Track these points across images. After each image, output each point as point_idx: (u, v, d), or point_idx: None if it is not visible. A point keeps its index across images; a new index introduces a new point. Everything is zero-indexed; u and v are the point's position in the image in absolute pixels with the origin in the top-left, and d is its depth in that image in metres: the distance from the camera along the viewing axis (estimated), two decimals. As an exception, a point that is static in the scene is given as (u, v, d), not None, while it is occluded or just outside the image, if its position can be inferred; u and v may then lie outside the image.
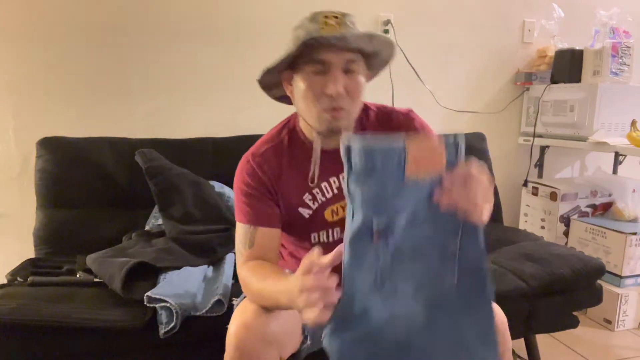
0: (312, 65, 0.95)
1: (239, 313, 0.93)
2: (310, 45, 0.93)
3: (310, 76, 0.96)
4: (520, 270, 1.50)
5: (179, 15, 1.92)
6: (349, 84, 0.97)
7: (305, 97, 0.98)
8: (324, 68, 0.95)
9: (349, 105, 0.98)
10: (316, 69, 0.95)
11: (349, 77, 0.97)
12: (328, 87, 0.94)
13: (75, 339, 1.17)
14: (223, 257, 1.51)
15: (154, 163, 1.65)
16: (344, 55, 0.95)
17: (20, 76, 1.80)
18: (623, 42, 2.09)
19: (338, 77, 0.95)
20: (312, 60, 0.95)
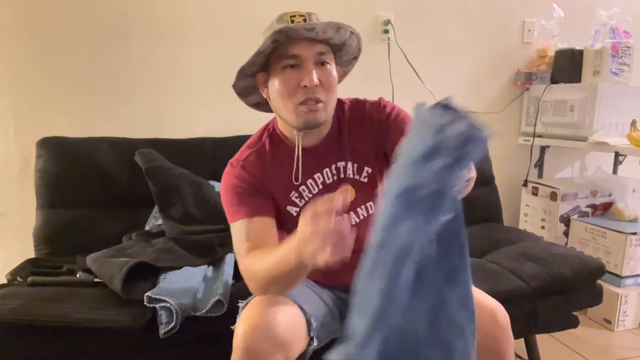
0: (284, 61, 0.98)
1: (246, 315, 0.93)
2: (282, 43, 0.97)
3: (284, 72, 0.99)
4: (520, 270, 1.50)
5: (179, 15, 1.92)
6: (322, 76, 0.99)
7: (281, 93, 1.00)
8: (296, 62, 0.98)
9: (325, 97, 1.00)
10: (289, 64, 0.98)
11: (321, 69, 0.99)
12: (303, 80, 0.97)
13: (75, 339, 1.17)
14: (223, 257, 1.51)
15: (154, 163, 1.65)
16: (315, 48, 0.98)
17: (20, 76, 1.80)
18: (623, 42, 2.09)
19: (312, 69, 0.97)
20: (284, 55, 0.98)
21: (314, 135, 1.06)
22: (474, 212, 2.03)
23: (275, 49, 1.00)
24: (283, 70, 0.99)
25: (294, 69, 0.98)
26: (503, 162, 2.38)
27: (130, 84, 1.91)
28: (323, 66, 1.00)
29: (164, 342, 1.17)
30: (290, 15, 0.99)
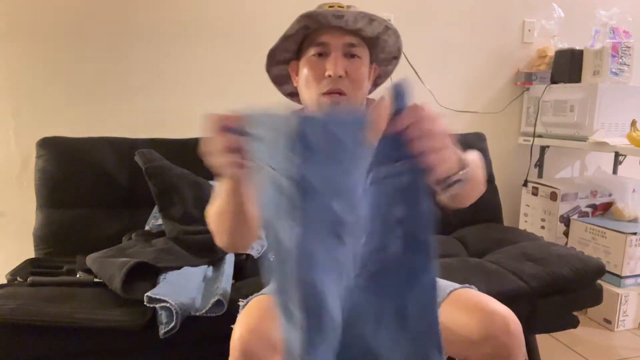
0: (313, 48, 0.96)
1: (244, 317, 0.93)
2: (313, 30, 0.94)
3: (312, 59, 0.97)
4: (520, 270, 1.50)
5: (179, 15, 1.92)
6: (349, 67, 0.96)
7: (307, 81, 0.97)
8: (324, 50, 0.96)
9: (350, 90, 0.96)
10: (317, 51, 0.95)
11: (350, 61, 0.96)
12: (328, 69, 0.94)
13: (75, 339, 1.17)
14: (223, 257, 1.51)
15: (154, 163, 1.65)
16: (345, 38, 0.95)
17: (20, 76, 1.80)
18: (623, 42, 2.09)
19: (338, 59, 0.94)
20: (313, 42, 0.96)
21: None
22: (474, 212, 2.03)
23: (307, 36, 0.97)
24: (310, 57, 0.97)
25: (321, 57, 0.96)
26: (503, 162, 2.38)
27: (130, 84, 1.91)
28: (352, 58, 0.97)
29: (164, 342, 1.17)
30: (329, 4, 0.96)
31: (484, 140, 2.13)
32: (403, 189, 0.68)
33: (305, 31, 0.97)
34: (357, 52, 0.97)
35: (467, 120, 2.32)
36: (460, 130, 2.21)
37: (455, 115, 2.27)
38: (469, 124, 2.32)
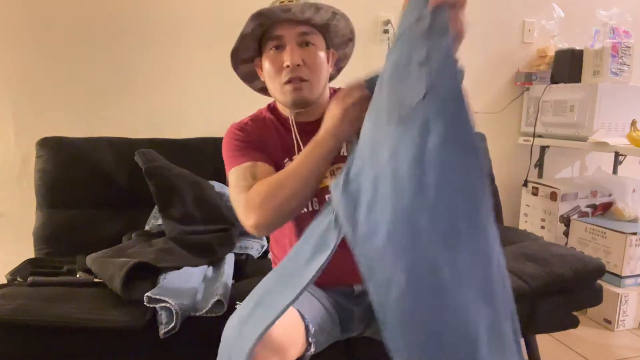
0: (270, 42, 1.03)
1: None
2: (267, 26, 1.02)
3: (270, 54, 1.04)
4: (520, 270, 1.50)
5: (179, 15, 1.92)
6: (306, 56, 1.03)
7: (269, 74, 1.05)
8: (280, 43, 1.03)
9: (310, 76, 1.04)
10: (274, 45, 1.03)
11: (305, 49, 1.03)
12: (285, 60, 1.01)
13: (75, 339, 1.17)
14: (223, 257, 1.51)
15: (154, 163, 1.65)
16: (297, 29, 1.02)
17: (20, 76, 1.80)
18: (623, 42, 2.09)
19: (293, 49, 1.02)
20: (269, 38, 1.03)
21: (309, 113, 1.09)
22: (474, 212, 2.03)
23: (264, 33, 1.05)
24: (269, 52, 1.04)
25: (278, 50, 1.03)
26: (503, 162, 2.38)
27: (130, 84, 1.91)
28: (307, 46, 1.04)
29: (164, 342, 1.17)
30: (279, 0, 1.03)
31: (484, 140, 2.13)
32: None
33: (260, 29, 1.04)
34: (310, 39, 1.04)
35: (467, 120, 2.32)
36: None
37: (455, 115, 2.27)
38: (469, 124, 2.32)
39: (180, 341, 1.20)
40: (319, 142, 0.95)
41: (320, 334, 1.01)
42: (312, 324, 0.98)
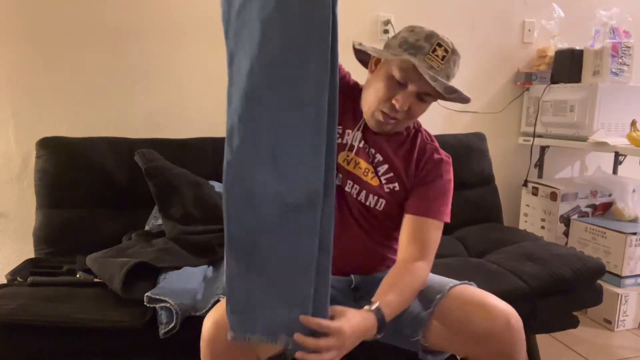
0: (399, 71, 1.04)
1: (213, 312, 0.94)
2: (413, 57, 1.02)
3: (391, 81, 1.06)
4: (520, 270, 1.50)
5: (179, 15, 1.92)
6: (414, 106, 1.07)
7: (376, 91, 1.08)
8: (405, 82, 1.04)
9: (402, 120, 1.10)
10: (399, 78, 1.04)
11: (418, 102, 1.07)
12: (397, 100, 1.04)
13: (75, 339, 1.17)
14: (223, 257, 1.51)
15: (153, 163, 1.65)
16: (426, 88, 1.04)
17: (20, 76, 1.80)
18: (623, 42, 2.09)
19: (410, 98, 1.05)
20: (402, 69, 1.04)
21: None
22: (474, 212, 2.04)
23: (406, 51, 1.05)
24: (391, 77, 1.06)
25: (399, 85, 1.05)
26: (503, 162, 2.38)
27: (130, 84, 1.91)
28: (421, 100, 1.08)
29: (164, 342, 1.17)
30: (438, 42, 1.04)
31: (484, 140, 2.13)
32: None
33: (409, 48, 1.04)
34: (427, 99, 1.08)
35: (467, 120, 2.33)
36: (460, 130, 2.21)
37: (455, 115, 2.27)
38: (469, 124, 2.32)
39: (180, 341, 1.20)
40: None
41: None
42: None
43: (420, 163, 1.16)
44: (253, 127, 0.79)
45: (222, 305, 0.93)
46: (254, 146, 0.79)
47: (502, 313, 0.97)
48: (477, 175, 2.07)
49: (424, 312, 1.03)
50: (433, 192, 1.13)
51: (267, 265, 0.82)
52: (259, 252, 0.81)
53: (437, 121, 2.25)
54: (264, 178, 0.80)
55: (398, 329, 1.05)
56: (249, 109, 0.79)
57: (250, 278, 0.82)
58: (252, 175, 0.80)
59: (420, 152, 1.17)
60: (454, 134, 2.10)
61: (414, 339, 1.05)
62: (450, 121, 2.27)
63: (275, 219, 0.80)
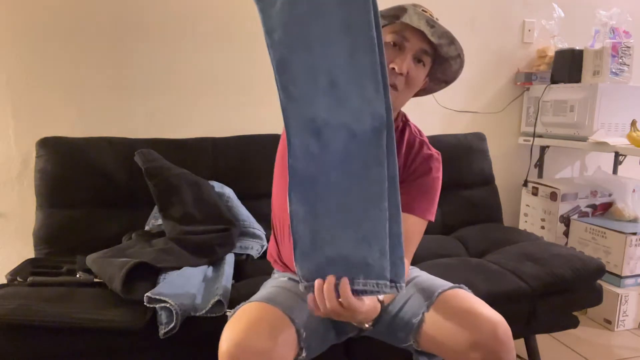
0: (392, 35, 1.00)
1: (229, 330, 0.92)
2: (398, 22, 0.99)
3: (387, 47, 1.00)
4: (520, 270, 1.50)
5: (180, 15, 1.92)
6: (412, 69, 1.01)
7: None
8: (401, 44, 1.00)
9: (402, 88, 1.02)
10: (394, 41, 1.00)
11: (415, 65, 1.02)
12: (395, 62, 0.99)
13: (75, 339, 1.17)
14: (223, 257, 1.51)
15: (153, 164, 1.65)
16: (423, 44, 1.00)
17: (20, 76, 1.80)
18: (623, 42, 2.09)
19: (408, 59, 1.00)
20: (395, 31, 1.00)
21: None
22: (474, 212, 2.04)
23: (390, 22, 1.03)
24: (386, 45, 1.01)
25: (394, 48, 1.01)
26: (503, 162, 2.38)
27: (130, 84, 1.91)
28: (418, 63, 1.02)
29: (164, 342, 1.17)
30: (422, 8, 1.01)
31: (484, 140, 2.13)
32: None
33: (392, 19, 1.01)
34: (425, 60, 1.03)
35: (467, 120, 2.32)
36: (460, 130, 2.21)
37: (455, 115, 2.27)
38: (469, 124, 2.32)
39: (180, 341, 1.20)
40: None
41: (312, 338, 0.99)
42: (303, 328, 0.96)
43: (408, 157, 1.13)
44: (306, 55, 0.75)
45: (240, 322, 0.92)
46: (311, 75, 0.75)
47: (488, 323, 0.95)
48: (477, 175, 2.07)
49: (415, 319, 1.02)
50: (420, 190, 1.10)
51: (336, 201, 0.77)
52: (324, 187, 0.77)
53: (437, 121, 2.25)
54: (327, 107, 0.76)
55: (392, 331, 1.05)
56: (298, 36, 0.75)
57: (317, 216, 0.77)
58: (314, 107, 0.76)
59: (408, 146, 1.14)
60: (454, 134, 2.10)
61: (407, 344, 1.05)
62: (450, 121, 2.27)
63: (343, 148, 0.76)
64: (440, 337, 0.99)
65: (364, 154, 0.75)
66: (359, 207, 0.76)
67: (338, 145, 0.76)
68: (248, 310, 0.95)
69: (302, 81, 0.76)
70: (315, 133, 0.76)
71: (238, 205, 1.72)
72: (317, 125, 0.76)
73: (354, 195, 0.76)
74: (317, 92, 0.76)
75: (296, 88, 0.76)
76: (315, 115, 0.76)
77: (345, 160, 0.76)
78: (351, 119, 0.75)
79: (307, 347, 0.97)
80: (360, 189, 0.76)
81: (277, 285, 1.10)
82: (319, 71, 0.75)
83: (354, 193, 0.76)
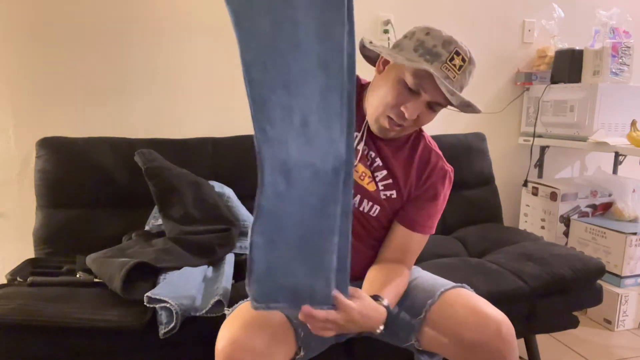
0: (411, 78, 0.98)
1: (226, 328, 0.92)
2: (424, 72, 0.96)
3: (401, 86, 1.00)
4: (520, 270, 1.50)
5: (180, 15, 1.92)
6: (423, 115, 1.03)
7: (384, 96, 1.03)
8: (417, 90, 0.99)
9: (408, 128, 1.06)
10: (411, 85, 0.99)
11: (427, 110, 1.03)
12: (406, 108, 0.99)
13: (75, 339, 1.17)
14: (223, 257, 1.51)
15: (153, 164, 1.65)
16: (438, 98, 0.99)
17: (20, 76, 1.80)
18: (623, 42, 2.09)
19: (420, 107, 1.01)
20: (415, 75, 0.98)
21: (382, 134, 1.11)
22: (474, 212, 2.04)
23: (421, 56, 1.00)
24: (402, 83, 1.00)
25: (410, 93, 1.00)
26: (503, 162, 2.38)
27: (130, 84, 1.91)
28: (431, 109, 1.03)
29: (164, 342, 1.17)
30: (455, 50, 0.99)
31: (484, 140, 2.13)
32: None
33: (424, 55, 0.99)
34: (437, 109, 1.04)
35: (467, 120, 2.32)
36: (460, 130, 2.21)
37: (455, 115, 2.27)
38: (469, 124, 2.32)
39: (180, 341, 1.20)
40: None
41: (311, 338, 0.98)
42: (301, 327, 0.96)
43: (423, 172, 1.13)
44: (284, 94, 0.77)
45: (236, 320, 0.92)
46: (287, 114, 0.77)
47: (492, 322, 0.95)
48: (477, 175, 2.07)
49: (416, 318, 1.02)
50: (430, 210, 1.12)
51: (292, 234, 0.81)
52: (285, 221, 0.81)
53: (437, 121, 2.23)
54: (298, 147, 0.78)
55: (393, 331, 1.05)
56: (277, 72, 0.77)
57: (275, 247, 0.82)
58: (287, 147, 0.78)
59: (423, 160, 1.14)
60: (454, 134, 2.10)
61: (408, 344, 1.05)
62: (450, 121, 2.27)
63: (307, 186, 0.79)
64: (443, 336, 0.99)
65: (323, 191, 0.79)
66: (313, 240, 0.81)
67: (303, 183, 0.79)
68: (245, 309, 0.95)
69: (278, 121, 0.78)
70: (286, 173, 0.79)
71: (238, 205, 1.72)
72: (289, 166, 0.79)
73: (310, 229, 0.81)
74: (291, 132, 0.78)
75: (272, 128, 0.78)
76: (287, 155, 0.79)
77: (305, 196, 0.80)
78: (317, 159, 0.78)
79: (306, 346, 0.97)
80: (315, 224, 0.80)
81: None
82: (294, 110, 0.77)
83: (310, 227, 0.80)
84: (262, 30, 0.78)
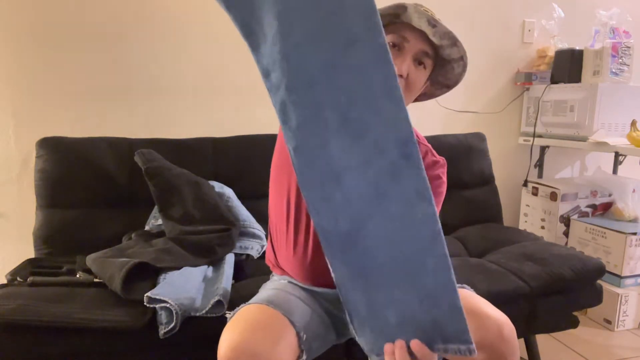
0: (391, 36, 0.95)
1: (228, 333, 0.90)
2: (398, 22, 0.93)
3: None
4: (520, 270, 1.50)
5: (180, 15, 1.92)
6: (412, 72, 0.96)
7: None
8: (400, 44, 0.95)
9: (405, 94, 0.97)
10: (393, 41, 0.95)
11: (416, 67, 0.97)
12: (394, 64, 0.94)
13: (75, 339, 1.17)
14: (223, 257, 1.51)
15: (153, 164, 1.65)
16: (423, 44, 0.95)
17: (20, 76, 1.80)
18: (623, 42, 2.09)
19: (408, 60, 0.95)
20: (394, 31, 0.95)
21: None
22: (474, 212, 2.04)
23: (390, 22, 0.97)
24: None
25: (393, 49, 0.96)
26: (503, 162, 2.38)
27: (130, 84, 1.91)
28: (419, 66, 0.97)
29: (164, 342, 1.17)
30: (424, 8, 0.96)
31: (484, 140, 2.13)
32: None
33: (392, 18, 0.96)
34: (426, 62, 0.98)
35: (467, 120, 2.32)
36: (460, 130, 2.21)
37: (455, 115, 2.27)
38: (469, 124, 2.32)
39: (180, 341, 1.20)
40: None
41: (313, 340, 0.98)
42: (304, 331, 0.95)
43: None
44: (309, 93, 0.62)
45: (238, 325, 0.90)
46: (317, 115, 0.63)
47: (494, 323, 0.94)
48: (477, 175, 2.07)
49: None
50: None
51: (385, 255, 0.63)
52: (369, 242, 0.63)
53: (437, 121, 2.25)
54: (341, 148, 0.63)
55: None
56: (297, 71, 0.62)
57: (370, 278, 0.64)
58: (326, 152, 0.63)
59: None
60: (454, 134, 2.10)
61: None
62: (450, 121, 2.27)
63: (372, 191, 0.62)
64: None
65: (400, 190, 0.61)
66: (411, 258, 0.62)
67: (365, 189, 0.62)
68: (247, 313, 0.95)
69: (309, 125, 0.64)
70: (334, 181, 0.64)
71: (238, 205, 1.72)
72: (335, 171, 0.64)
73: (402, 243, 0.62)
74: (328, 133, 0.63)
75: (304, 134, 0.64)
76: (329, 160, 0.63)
77: (380, 203, 0.62)
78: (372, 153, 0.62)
79: (308, 349, 0.97)
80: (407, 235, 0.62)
81: (276, 287, 1.09)
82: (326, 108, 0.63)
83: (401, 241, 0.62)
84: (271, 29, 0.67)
